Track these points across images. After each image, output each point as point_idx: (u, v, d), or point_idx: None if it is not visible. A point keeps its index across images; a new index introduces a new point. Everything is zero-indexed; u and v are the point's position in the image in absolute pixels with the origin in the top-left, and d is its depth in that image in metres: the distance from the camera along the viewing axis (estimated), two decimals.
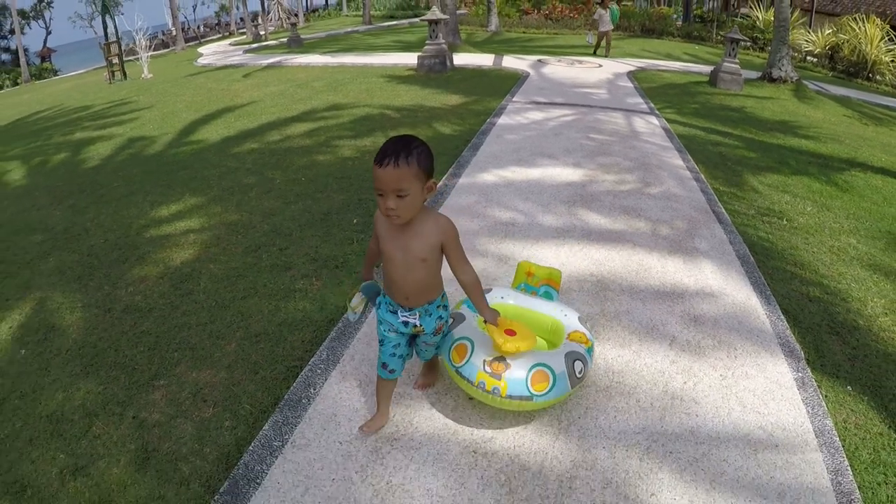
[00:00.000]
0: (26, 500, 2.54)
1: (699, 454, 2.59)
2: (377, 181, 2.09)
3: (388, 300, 2.47)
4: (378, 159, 2.07)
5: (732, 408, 2.89)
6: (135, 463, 2.68)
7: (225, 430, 2.84)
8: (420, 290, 2.37)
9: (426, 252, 2.27)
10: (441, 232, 2.27)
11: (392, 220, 2.16)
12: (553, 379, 2.50)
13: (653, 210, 5.39)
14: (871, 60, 18.87)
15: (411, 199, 2.10)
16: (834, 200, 6.24)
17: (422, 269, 2.30)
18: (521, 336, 2.49)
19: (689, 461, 2.55)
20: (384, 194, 2.09)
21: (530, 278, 3.15)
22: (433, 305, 2.45)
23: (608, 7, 17.82)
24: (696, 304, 3.85)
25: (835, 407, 3.03)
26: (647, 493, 2.40)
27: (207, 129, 9.48)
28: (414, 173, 2.07)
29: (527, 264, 3.20)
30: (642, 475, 2.48)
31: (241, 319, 3.74)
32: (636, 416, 2.81)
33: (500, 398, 2.49)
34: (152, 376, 3.29)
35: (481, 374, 2.51)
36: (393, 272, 2.33)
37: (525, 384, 2.47)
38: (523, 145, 7.47)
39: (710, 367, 3.19)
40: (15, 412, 3.11)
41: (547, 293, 3.11)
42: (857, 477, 2.59)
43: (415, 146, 2.10)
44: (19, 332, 3.92)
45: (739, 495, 2.41)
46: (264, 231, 5.04)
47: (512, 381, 2.47)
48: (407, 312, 2.42)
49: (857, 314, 3.95)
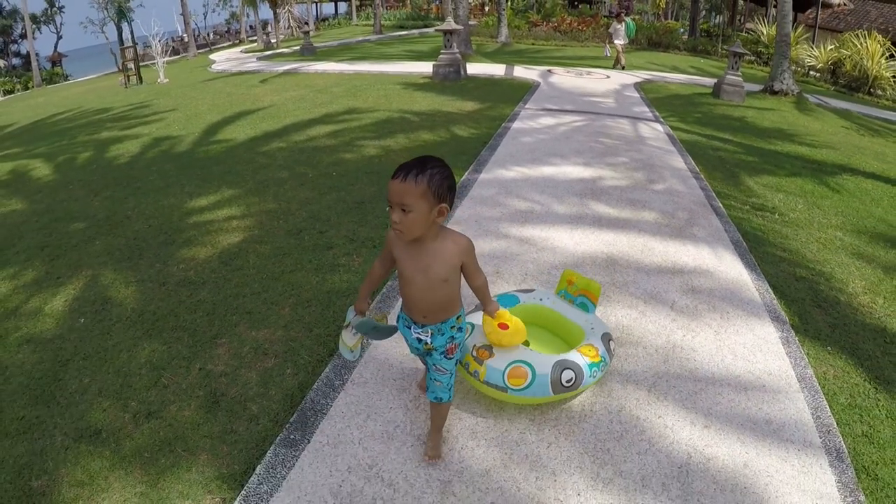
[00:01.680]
0: (101, 441, 2.90)
1: (697, 389, 3.11)
2: (388, 193, 2.14)
3: (404, 315, 2.50)
4: (394, 173, 2.12)
5: (725, 356, 3.40)
6: (205, 406, 3.11)
7: (287, 377, 3.30)
8: (439, 309, 2.38)
9: (447, 273, 2.29)
10: (463, 253, 2.31)
11: (397, 234, 2.18)
12: (532, 378, 2.64)
13: (656, 203, 5.92)
14: (873, 75, 19.36)
15: (415, 216, 2.10)
16: (824, 200, 6.71)
17: (443, 289, 2.32)
18: (511, 332, 2.62)
19: (688, 394, 3.07)
20: (392, 206, 2.12)
21: (570, 286, 3.23)
22: (447, 325, 2.43)
23: (623, 21, 18.17)
24: (693, 278, 4.38)
25: (815, 361, 3.51)
26: (655, 415, 2.93)
27: (233, 129, 9.94)
28: (420, 192, 2.08)
29: (570, 273, 3.28)
30: (650, 402, 3.01)
31: (292, 289, 4.21)
32: (643, 360, 3.35)
33: (479, 382, 2.72)
34: (213, 336, 3.74)
35: (468, 357, 2.76)
36: (413, 293, 2.34)
37: (501, 375, 2.65)
38: (537, 147, 8.00)
39: (706, 326, 3.71)
40: (81, 371, 3.45)
41: (583, 304, 3.17)
42: (835, 415, 3.08)
43: (431, 167, 2.12)
44: (75, 304, 4.23)
45: (733, 421, 2.93)
46: (303, 217, 5.52)
47: (490, 369, 2.68)
48: (420, 329, 2.43)
49: (839, 292, 4.42)
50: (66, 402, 3.20)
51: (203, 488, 2.60)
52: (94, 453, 2.83)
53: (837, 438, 2.91)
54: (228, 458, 2.76)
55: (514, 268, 4.47)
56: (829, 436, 2.90)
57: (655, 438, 2.83)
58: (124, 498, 2.56)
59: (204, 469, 2.70)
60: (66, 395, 3.26)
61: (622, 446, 2.76)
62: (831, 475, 2.67)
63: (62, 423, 3.04)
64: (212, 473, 2.67)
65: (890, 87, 19.25)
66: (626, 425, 2.90)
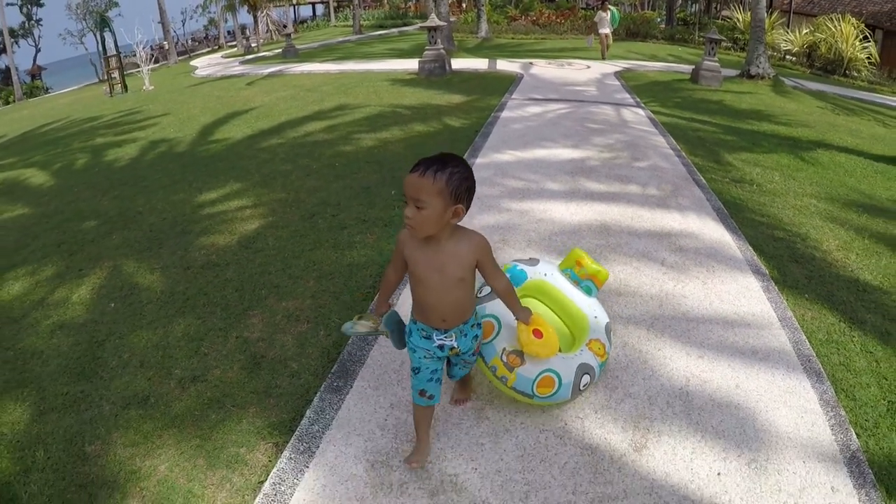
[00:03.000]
0: (150, 406, 3.14)
1: (690, 327, 3.53)
2: (404, 184, 2.11)
3: (420, 326, 2.40)
4: (413, 167, 2.09)
5: (712, 301, 3.82)
6: (247, 368, 3.42)
7: (321, 338, 3.64)
8: (458, 311, 2.33)
9: (463, 271, 2.24)
10: (478, 250, 2.26)
11: (409, 230, 2.15)
12: (558, 386, 2.63)
13: (642, 177, 6.34)
14: (847, 58, 19.90)
15: (428, 214, 2.06)
16: (800, 172, 7.14)
17: (460, 288, 2.27)
18: (545, 342, 2.53)
19: (682, 331, 3.49)
20: (407, 201, 2.09)
21: (578, 268, 3.13)
22: (467, 325, 2.40)
23: (608, 9, 18.40)
24: (679, 239, 4.82)
25: (794, 305, 3.91)
26: (655, 349, 3.36)
27: (228, 129, 10.21)
28: (437, 190, 2.04)
29: (579, 253, 3.17)
30: (650, 338, 3.44)
31: (313, 265, 4.54)
32: (640, 306, 3.78)
33: (506, 387, 2.66)
34: (245, 308, 4.05)
35: (496, 360, 2.64)
36: (428, 295, 2.28)
37: (531, 384, 2.61)
38: (527, 132, 8.38)
39: (694, 277, 4.13)
40: (118, 348, 3.67)
41: (587, 287, 3.11)
42: (814, 348, 3.49)
43: (452, 165, 2.08)
44: (102, 291, 4.46)
45: (723, 352, 3.35)
46: (314, 203, 5.84)
47: (521, 377, 2.60)
48: (443, 335, 2.36)
49: (814, 249, 4.83)
50: (109, 376, 3.45)
51: (255, 436, 2.90)
52: (144, 417, 3.09)
53: (817, 365, 3.30)
54: (276, 409, 3.08)
55: (517, 236, 4.86)
56: (810, 363, 3.30)
57: (657, 367, 3.23)
58: (180, 451, 2.84)
59: (254, 420, 3.01)
60: (108, 370, 3.50)
61: (629, 374, 3.17)
62: (813, 394, 3.06)
63: (108, 395, 3.27)
64: (262, 423, 2.98)
65: (865, 68, 19.83)
66: (630, 357, 3.30)
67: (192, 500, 2.55)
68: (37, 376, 3.51)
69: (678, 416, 2.88)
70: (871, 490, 2.52)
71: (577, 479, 2.53)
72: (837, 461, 2.66)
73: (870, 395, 3.15)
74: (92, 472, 2.76)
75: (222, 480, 2.64)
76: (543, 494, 2.46)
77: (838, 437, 2.79)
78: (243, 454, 2.79)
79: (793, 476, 2.56)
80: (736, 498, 2.44)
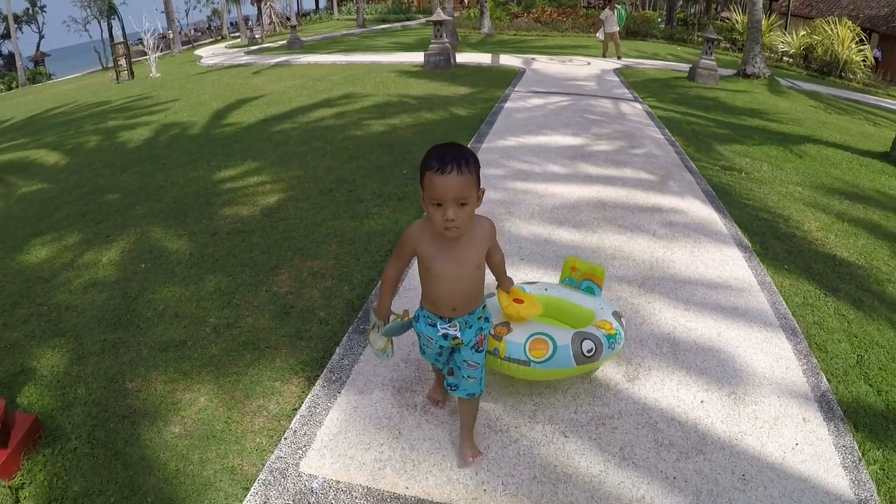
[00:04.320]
0: (187, 349, 3.44)
1: (677, 286, 3.96)
2: (437, 190, 1.95)
3: (426, 313, 2.36)
4: (437, 167, 1.94)
5: (698, 266, 4.23)
6: (278, 316, 3.77)
7: (345, 292, 4.01)
8: (469, 299, 2.29)
9: (480, 258, 2.24)
10: (490, 235, 2.26)
11: (449, 232, 2.03)
12: (553, 349, 2.62)
13: (636, 163, 6.78)
14: (843, 60, 20.35)
15: (470, 208, 2.02)
16: (787, 163, 7.53)
17: (476, 275, 2.25)
18: (526, 304, 2.63)
19: (670, 289, 3.91)
20: (444, 204, 1.97)
21: (574, 272, 3.19)
22: (473, 316, 2.34)
23: (615, 8, 18.47)
24: (669, 216, 5.25)
25: (774, 274, 4.30)
26: (645, 301, 3.77)
27: (240, 113, 10.53)
28: (475, 180, 2.01)
29: (572, 259, 3.24)
30: (642, 294, 3.87)
31: (334, 232, 4.91)
32: (633, 268, 4.20)
33: (500, 359, 2.66)
34: (273, 267, 4.40)
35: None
36: (443, 287, 2.23)
37: (523, 348, 2.62)
38: (529, 122, 8.80)
39: (682, 246, 4.57)
40: (152, 302, 3.92)
41: (589, 288, 3.15)
42: (790, 308, 3.88)
43: (468, 152, 2.02)
44: (132, 254, 4.71)
45: (706, 307, 3.76)
46: (330, 180, 6.21)
47: (511, 343, 2.64)
48: (447, 324, 2.31)
49: (796, 229, 5.22)
50: (145, 325, 3.73)
51: (288, 371, 3.25)
52: (182, 357, 3.39)
53: (793, 323, 3.69)
54: (307, 349, 3.44)
55: (521, 209, 5.27)
56: (786, 321, 3.68)
57: (647, 316, 3.65)
58: (219, 385, 3.16)
59: (286, 358, 3.36)
60: (143, 320, 3.76)
61: (624, 320, 3.53)
62: (788, 344, 3.45)
63: (145, 340, 3.53)
64: (294, 361, 3.33)
65: (860, 70, 20.32)
66: (623, 307, 3.71)
67: (232, 425, 2.88)
68: (73, 327, 3.73)
69: (665, 355, 3.28)
70: (839, 423, 2.88)
71: (579, 402, 2.92)
72: (809, 399, 3.03)
73: (841, 349, 3.52)
74: (133, 404, 3.01)
75: (259, 408, 2.98)
76: (549, 413, 2.84)
77: (810, 381, 3.16)
78: (278, 386, 3.14)
79: (768, 407, 2.94)
80: (717, 421, 2.83)
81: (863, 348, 3.55)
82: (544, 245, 4.63)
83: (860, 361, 3.43)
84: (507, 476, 2.52)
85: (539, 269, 4.24)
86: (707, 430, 2.77)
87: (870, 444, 2.79)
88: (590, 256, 4.40)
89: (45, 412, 2.97)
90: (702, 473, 2.54)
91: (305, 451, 2.66)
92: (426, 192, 2.00)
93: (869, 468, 2.64)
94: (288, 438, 2.73)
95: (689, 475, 2.52)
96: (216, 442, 2.77)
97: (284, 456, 2.63)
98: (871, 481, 2.56)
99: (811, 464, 2.61)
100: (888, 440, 2.83)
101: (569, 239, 4.74)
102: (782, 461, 2.62)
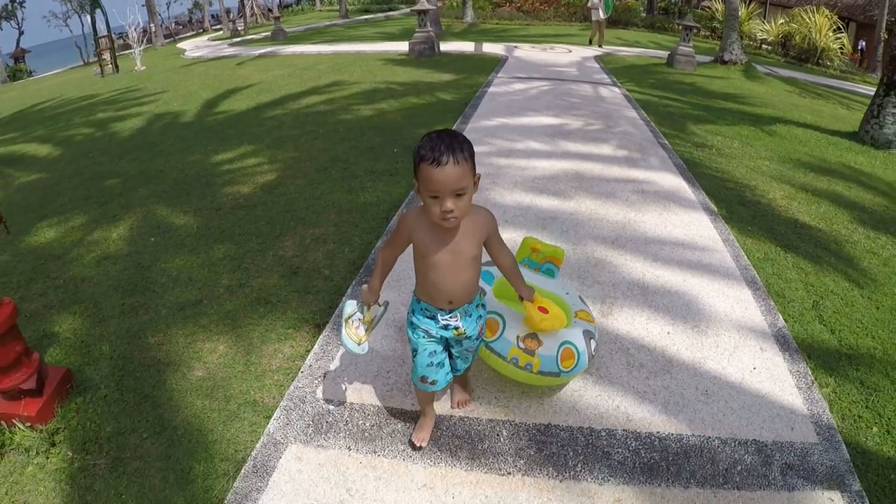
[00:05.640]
0: (203, 307, 3.72)
1: (647, 242, 4.39)
2: (434, 183, 1.90)
3: (423, 305, 2.30)
4: (433, 158, 1.88)
5: (667, 226, 4.66)
6: (286, 276, 4.10)
7: (346, 253, 4.36)
8: (467, 290, 2.24)
9: (477, 248, 2.19)
10: (488, 224, 2.21)
11: (447, 223, 1.99)
12: (578, 356, 2.60)
13: (613, 140, 7.23)
14: (821, 47, 20.91)
15: (468, 197, 1.98)
16: (758, 141, 7.94)
17: (472, 267, 2.20)
18: (553, 315, 2.52)
19: (640, 244, 4.34)
20: (441, 196, 1.93)
21: (535, 254, 3.13)
22: (472, 305, 2.31)
23: None
24: (642, 185, 5.68)
25: (738, 234, 4.72)
26: (618, 254, 4.21)
27: (231, 101, 10.79)
28: (471, 168, 1.96)
29: (532, 240, 3.16)
30: (614, 249, 4.30)
31: (332, 204, 5.25)
32: (607, 227, 4.66)
33: (532, 374, 2.56)
34: (277, 235, 4.73)
35: (515, 350, 2.56)
36: (440, 277, 2.17)
37: (556, 361, 2.56)
38: (512, 104, 9.20)
39: (652, 210, 5.01)
40: (165, 270, 4.19)
41: (549, 270, 3.11)
42: (752, 261, 4.28)
43: (462, 139, 1.96)
44: (141, 230, 4.94)
45: (673, 259, 4.17)
46: (325, 159, 6.55)
47: (544, 357, 2.55)
48: (447, 315, 2.27)
49: (761, 197, 5.63)
50: (161, 289, 4.00)
51: (299, 320, 3.59)
52: (199, 314, 3.68)
53: (753, 273, 4.10)
54: (315, 301, 3.78)
55: (505, 180, 5.69)
56: (747, 271, 4.10)
57: (619, 265, 4.09)
58: (236, 335, 3.48)
59: (297, 310, 3.70)
60: (158, 286, 4.02)
61: (597, 269, 4.01)
62: (748, 291, 3.85)
63: (163, 302, 3.80)
64: (304, 311, 3.68)
65: (837, 57, 20.94)
66: (598, 259, 4.17)
67: (251, 367, 3.21)
68: (90, 295, 3.95)
69: (636, 296, 3.69)
70: (794, 353, 3.27)
71: None
72: (766, 334, 3.43)
73: (797, 296, 3.92)
74: (157, 356, 3.27)
75: (275, 352, 3.32)
76: None
77: (767, 319, 3.56)
78: (291, 333, 3.48)
79: (728, 338, 3.35)
80: (682, 348, 3.23)
81: (818, 295, 3.94)
82: (526, 209, 5.06)
83: (815, 306, 3.82)
84: (498, 392, 2.90)
85: (521, 229, 4.63)
86: (673, 355, 3.17)
87: (822, 372, 3.17)
88: (567, 219, 4.82)
89: (74, 367, 3.18)
90: (669, 389, 2.93)
91: (321, 381, 3.01)
92: (421, 185, 1.96)
93: (821, 390, 3.01)
94: (304, 372, 3.08)
95: (658, 390, 2.92)
96: (238, 381, 3.09)
97: (302, 386, 2.98)
98: (824, 400, 2.94)
99: (768, 384, 3.01)
100: (840, 370, 3.21)
101: (548, 205, 5.14)
102: (741, 381, 3.02)
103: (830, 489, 2.42)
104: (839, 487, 2.43)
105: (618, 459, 2.54)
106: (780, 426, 2.74)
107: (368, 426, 2.72)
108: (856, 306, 3.84)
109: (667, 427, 2.71)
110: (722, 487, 2.41)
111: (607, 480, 2.44)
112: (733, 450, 2.59)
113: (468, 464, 2.51)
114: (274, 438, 2.66)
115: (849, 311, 3.77)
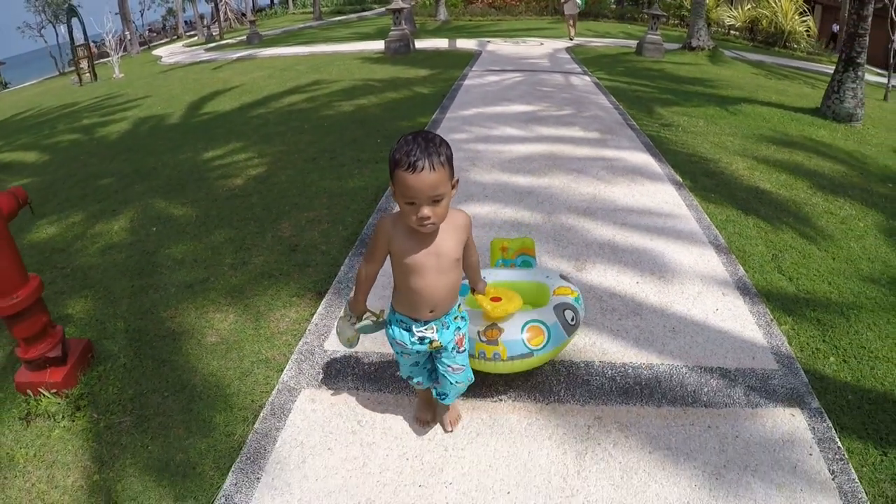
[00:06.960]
0: (210, 283, 3.97)
1: (615, 210, 4.82)
2: (410, 189, 1.83)
3: (399, 317, 2.23)
4: (409, 164, 1.81)
5: (634, 195, 5.08)
6: (285, 253, 4.39)
7: (340, 231, 4.68)
8: (448, 296, 2.17)
9: (459, 251, 2.12)
10: (468, 226, 2.16)
11: (424, 229, 1.94)
12: (548, 331, 2.60)
13: (584, 123, 7.67)
14: (787, 31, 21.60)
15: (446, 203, 1.91)
16: (723, 119, 8.37)
17: (455, 270, 2.13)
18: (506, 300, 2.54)
19: (609, 212, 4.76)
20: (417, 202, 1.86)
21: (505, 253, 3.13)
22: (450, 316, 2.23)
23: None
24: (611, 162, 6.09)
25: (701, 201, 5.11)
26: (588, 221, 4.62)
27: (215, 103, 11.00)
28: (449, 173, 1.89)
29: (499, 241, 3.17)
30: (585, 216, 4.72)
31: (323, 190, 5.57)
32: (577, 199, 5.06)
33: (503, 362, 2.57)
34: (274, 219, 5.02)
35: (479, 345, 2.57)
36: (422, 282, 2.08)
37: (522, 342, 2.55)
38: (487, 95, 9.61)
39: (621, 183, 5.43)
40: (170, 255, 4.41)
41: (525, 262, 3.12)
42: (714, 222, 4.66)
43: (439, 142, 1.88)
44: (141, 221, 5.13)
45: (640, 224, 4.56)
46: (313, 151, 6.87)
47: (509, 342, 2.55)
48: (422, 327, 2.19)
49: (724, 168, 6.04)
50: (168, 271, 4.24)
51: (302, 289, 3.89)
52: (207, 289, 3.94)
53: (715, 233, 4.48)
54: (314, 273, 4.09)
55: (483, 162, 6.08)
56: (710, 231, 4.48)
57: (590, 229, 4.51)
58: (244, 305, 3.75)
59: (298, 280, 4.00)
60: (165, 269, 4.24)
61: (570, 233, 4.41)
62: (711, 248, 4.23)
63: (171, 282, 4.02)
64: (306, 281, 3.98)
65: (804, 40, 21.60)
66: (570, 225, 4.58)
67: (261, 330, 3.51)
68: (99, 280, 4.14)
69: (606, 254, 4.09)
70: (754, 297, 3.63)
71: None
72: (728, 282, 3.79)
73: (757, 251, 4.29)
74: (171, 327, 3.50)
75: (282, 317, 3.62)
76: None
77: (729, 270, 3.93)
78: (295, 300, 3.78)
79: (692, 286, 3.72)
80: (650, 295, 3.61)
81: (777, 250, 4.32)
82: (504, 186, 5.44)
83: (775, 258, 4.19)
84: None
85: (499, 204, 5.01)
86: (642, 300, 3.55)
87: (781, 313, 3.53)
88: (542, 193, 5.21)
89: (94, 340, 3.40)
90: (639, 328, 3.30)
91: (327, 336, 3.34)
92: (397, 190, 1.89)
93: (780, 327, 3.37)
94: (311, 331, 3.40)
95: (629, 328, 3.29)
96: (249, 343, 3.39)
97: (310, 342, 3.30)
98: (783, 335, 3.29)
99: (730, 322, 3.37)
100: (798, 311, 3.56)
101: (524, 182, 5.53)
102: (705, 319, 3.39)
103: (791, 406, 2.75)
104: (799, 405, 2.75)
105: (596, 385, 2.89)
106: (743, 356, 3.10)
107: (373, 370, 3.05)
108: (813, 258, 4.22)
109: (639, 358, 3.07)
110: (691, 406, 2.75)
111: (588, 402, 2.79)
112: (700, 375, 2.94)
113: (464, 394, 2.84)
114: (288, 385, 2.96)
115: (806, 263, 4.14)
